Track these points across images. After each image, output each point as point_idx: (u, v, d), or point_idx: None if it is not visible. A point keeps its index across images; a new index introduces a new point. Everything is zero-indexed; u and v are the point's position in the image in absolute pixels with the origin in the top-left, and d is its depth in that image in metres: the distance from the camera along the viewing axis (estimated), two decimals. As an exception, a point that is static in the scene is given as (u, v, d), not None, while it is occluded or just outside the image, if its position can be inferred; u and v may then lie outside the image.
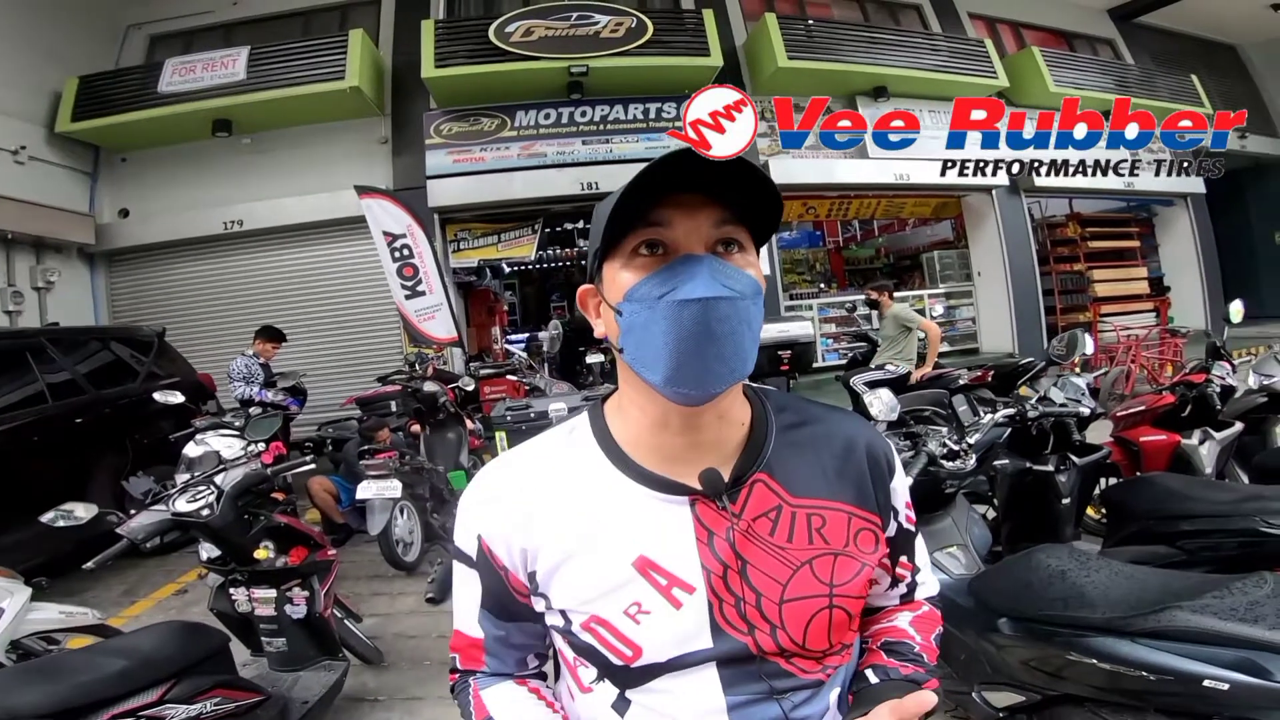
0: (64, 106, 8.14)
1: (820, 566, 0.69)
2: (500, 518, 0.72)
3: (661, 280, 0.63)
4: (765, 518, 0.70)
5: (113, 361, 5.27)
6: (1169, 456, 3.27)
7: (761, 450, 0.72)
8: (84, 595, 3.96)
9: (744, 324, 0.63)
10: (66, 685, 1.62)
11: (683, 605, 0.67)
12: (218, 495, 2.31)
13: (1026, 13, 11.60)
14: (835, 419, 0.79)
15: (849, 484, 0.74)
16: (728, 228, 0.66)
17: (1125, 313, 10.66)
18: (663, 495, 0.69)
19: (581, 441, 0.74)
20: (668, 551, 0.68)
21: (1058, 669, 1.49)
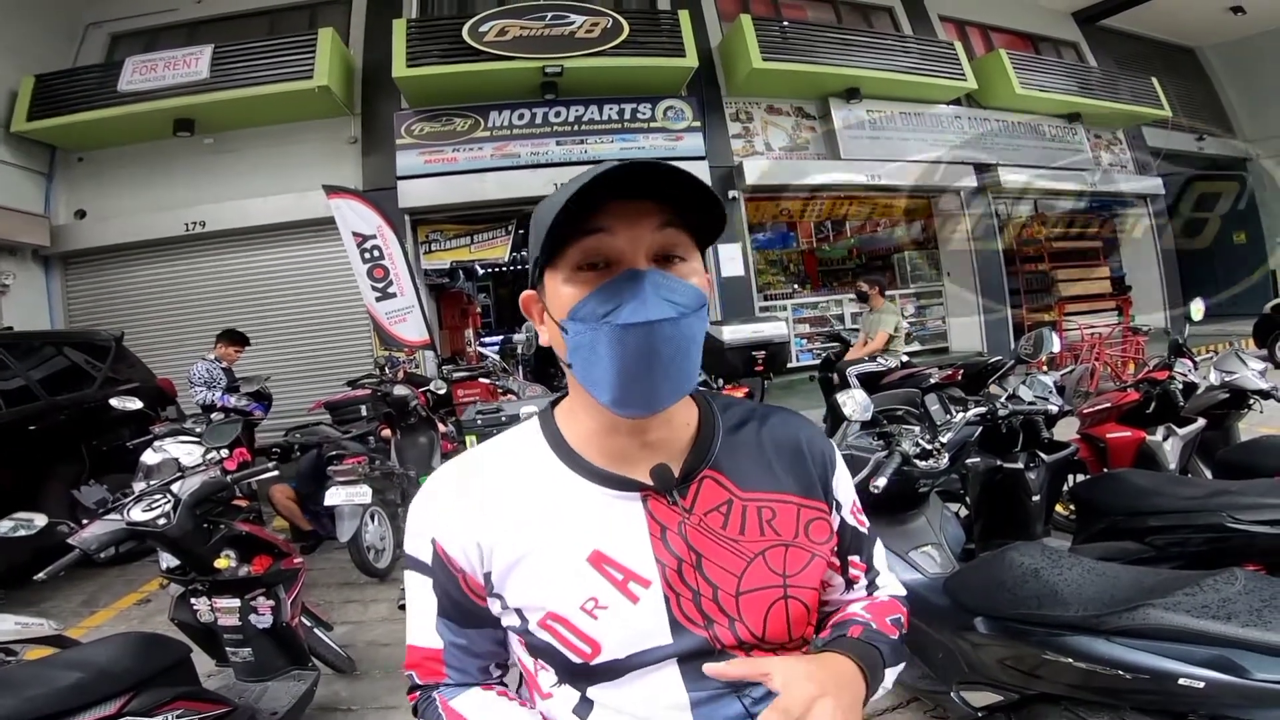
0: (19, 105, 7.93)
1: (773, 557, 0.70)
2: (453, 519, 0.71)
3: (604, 298, 0.62)
4: (716, 512, 0.70)
5: (68, 367, 5.10)
6: (1134, 452, 3.33)
7: (709, 448, 0.73)
8: (42, 605, 3.83)
9: (689, 341, 0.63)
10: (17, 699, 1.56)
11: (639, 599, 0.67)
12: (174, 504, 2.22)
13: (994, 15, 11.85)
14: (778, 417, 0.81)
15: (795, 476, 0.75)
16: (670, 231, 0.65)
17: (1089, 311, 10.91)
18: (615, 492, 0.70)
19: (533, 443, 0.74)
20: (622, 546, 0.68)
21: (1033, 668, 1.49)
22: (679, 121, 8.97)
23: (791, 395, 8.21)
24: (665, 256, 0.65)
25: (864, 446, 2.34)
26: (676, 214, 0.65)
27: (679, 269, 0.65)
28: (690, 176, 0.61)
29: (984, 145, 10.51)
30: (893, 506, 2.25)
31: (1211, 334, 10.10)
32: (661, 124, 8.92)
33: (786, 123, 9.73)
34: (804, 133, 9.78)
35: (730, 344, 4.49)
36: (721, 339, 4.51)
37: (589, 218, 0.62)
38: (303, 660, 2.50)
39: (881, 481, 1.97)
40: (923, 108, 10.19)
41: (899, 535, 2.25)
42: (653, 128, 8.89)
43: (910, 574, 2.10)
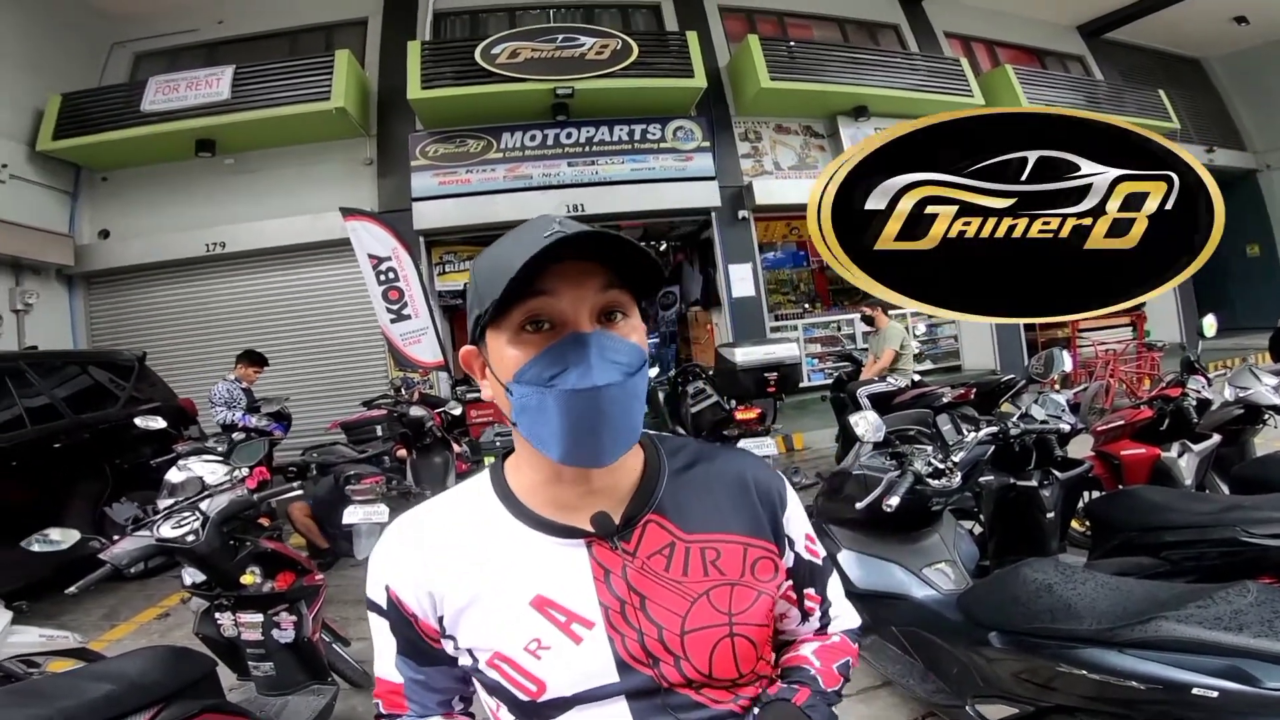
0: (46, 124, 8.06)
1: (717, 597, 0.72)
2: (405, 568, 0.74)
3: (550, 362, 0.64)
4: (659, 554, 0.73)
5: (92, 386, 5.20)
6: (1149, 469, 3.33)
7: (653, 493, 0.75)
8: (63, 619, 3.87)
9: (634, 399, 0.66)
10: (51, 709, 1.57)
11: (583, 640, 0.69)
12: (203, 521, 2.27)
13: (1000, 31, 11.93)
14: (726, 457, 0.83)
15: (742, 516, 0.77)
16: (612, 292, 0.66)
17: (1102, 328, 10.83)
18: (558, 539, 0.72)
19: (483, 495, 0.77)
20: (565, 590, 0.71)
21: (1048, 680, 1.51)
22: (689, 142, 9.07)
23: (804, 415, 8.21)
24: (608, 314, 0.67)
25: (877, 466, 2.36)
26: (617, 274, 0.66)
27: (621, 327, 0.67)
28: (632, 246, 0.64)
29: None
30: (906, 524, 2.28)
31: (1227, 349, 10.02)
32: (671, 144, 9.02)
33: (795, 141, 9.82)
34: (813, 151, 9.86)
35: (743, 366, 4.51)
36: (734, 361, 4.53)
37: (533, 279, 0.63)
38: (322, 675, 2.52)
39: (894, 501, 2.00)
40: (930, 125, 10.25)
41: (913, 552, 2.27)
42: (662, 148, 8.99)
43: (924, 590, 2.12)
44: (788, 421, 7.76)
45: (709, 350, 8.51)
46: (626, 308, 0.68)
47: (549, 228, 0.62)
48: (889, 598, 2.18)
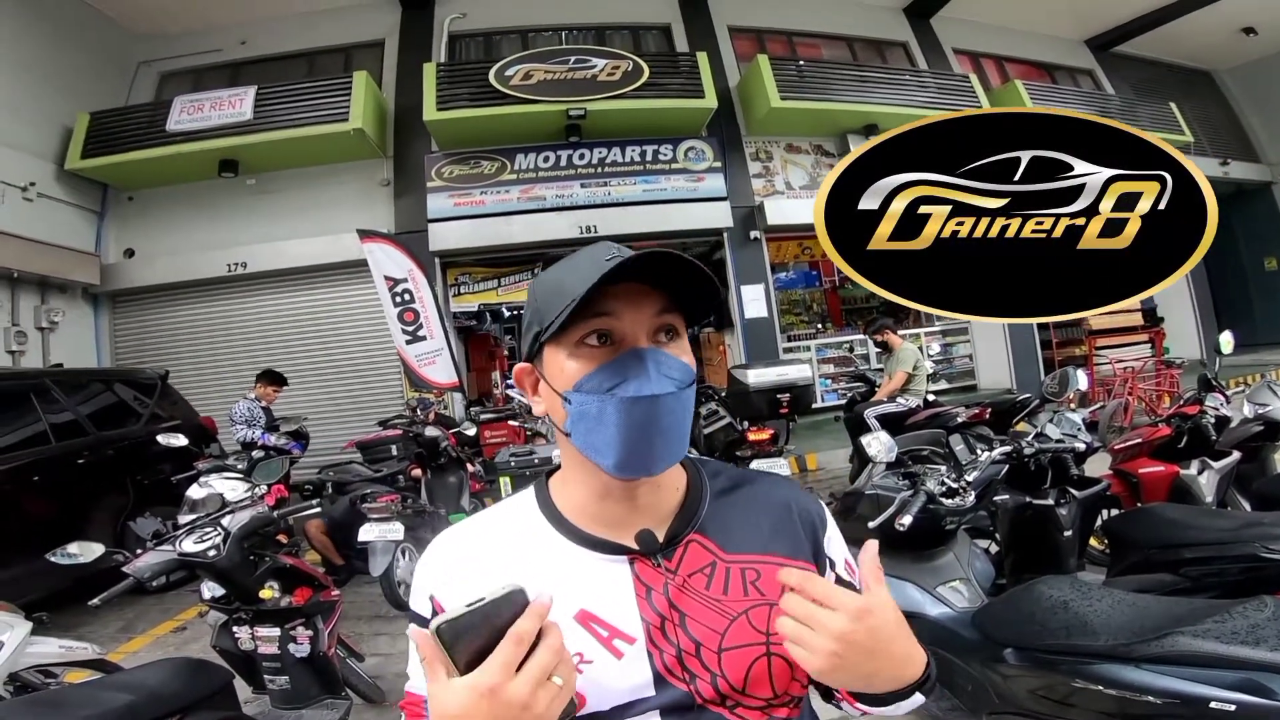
0: (74, 143, 8.19)
1: (756, 616, 0.73)
2: (451, 579, 0.76)
3: (610, 374, 0.68)
4: (700, 573, 0.74)
5: (115, 403, 5.31)
6: (1168, 487, 3.30)
7: (696, 513, 0.78)
8: (82, 630, 3.95)
9: (684, 412, 0.70)
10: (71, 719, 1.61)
11: (624, 655, 0.71)
12: (224, 537, 2.32)
13: (1008, 47, 11.98)
14: (767, 482, 0.85)
15: (782, 538, 0.78)
16: (667, 316, 0.71)
17: (1120, 345, 10.73)
18: (602, 555, 0.74)
19: (528, 511, 0.79)
20: (608, 606, 0.72)
21: (1064, 697, 1.50)
22: (700, 162, 9.16)
23: (818, 435, 8.17)
24: (663, 332, 0.71)
25: (890, 486, 2.37)
26: (672, 298, 0.71)
27: (673, 347, 0.71)
28: (698, 269, 0.68)
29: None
30: (920, 543, 2.27)
31: (1246, 365, 9.89)
32: (683, 165, 9.11)
33: (806, 160, 9.88)
34: (824, 170, 9.90)
35: (755, 387, 4.53)
36: (747, 382, 4.55)
37: (594, 300, 0.66)
38: (336, 689, 2.55)
39: (907, 520, 2.00)
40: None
41: (927, 571, 2.26)
42: (674, 169, 9.07)
43: (939, 608, 2.11)
44: (801, 442, 7.73)
45: (722, 371, 8.51)
46: (679, 328, 0.73)
47: (610, 252, 0.68)
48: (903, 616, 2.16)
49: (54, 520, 4.30)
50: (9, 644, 2.33)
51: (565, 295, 0.66)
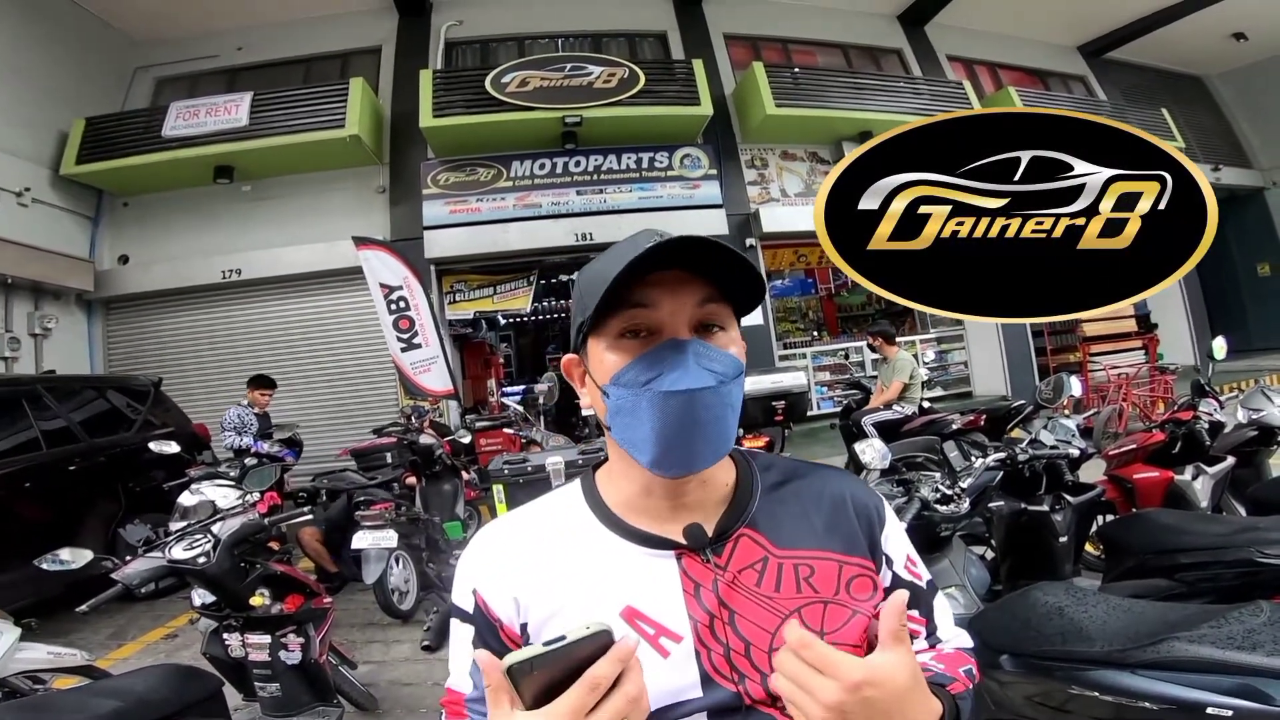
0: (70, 148, 8.14)
1: (810, 615, 0.70)
2: (495, 573, 0.74)
3: (647, 366, 0.66)
4: (751, 569, 0.72)
5: (108, 410, 5.29)
6: (1163, 492, 3.31)
7: (746, 507, 0.75)
8: (71, 637, 3.89)
9: (727, 408, 0.67)
10: None
11: (670, 654, 0.68)
12: (214, 544, 2.31)
13: (1001, 53, 12.03)
14: (821, 475, 0.82)
15: (837, 534, 0.76)
16: (710, 306, 0.69)
17: (1114, 351, 10.77)
18: (649, 550, 0.72)
19: (574, 504, 0.78)
20: (654, 602, 0.70)
21: (1061, 703, 1.50)
22: (695, 169, 9.18)
23: (814, 443, 8.16)
24: (705, 325, 0.69)
25: (884, 493, 2.36)
26: (716, 287, 0.68)
27: (718, 338, 0.69)
28: (735, 255, 0.66)
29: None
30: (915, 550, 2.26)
31: (1239, 370, 9.92)
32: (679, 172, 9.12)
33: (801, 168, 9.91)
34: (819, 178, 9.94)
35: (750, 394, 4.52)
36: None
37: (633, 289, 0.65)
38: (328, 697, 2.53)
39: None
40: (936, 150, 10.32)
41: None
42: (670, 176, 9.09)
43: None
44: (797, 449, 7.71)
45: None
46: (724, 320, 0.70)
47: (650, 239, 0.65)
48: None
49: (45, 526, 4.28)
50: None
51: (604, 283, 0.64)
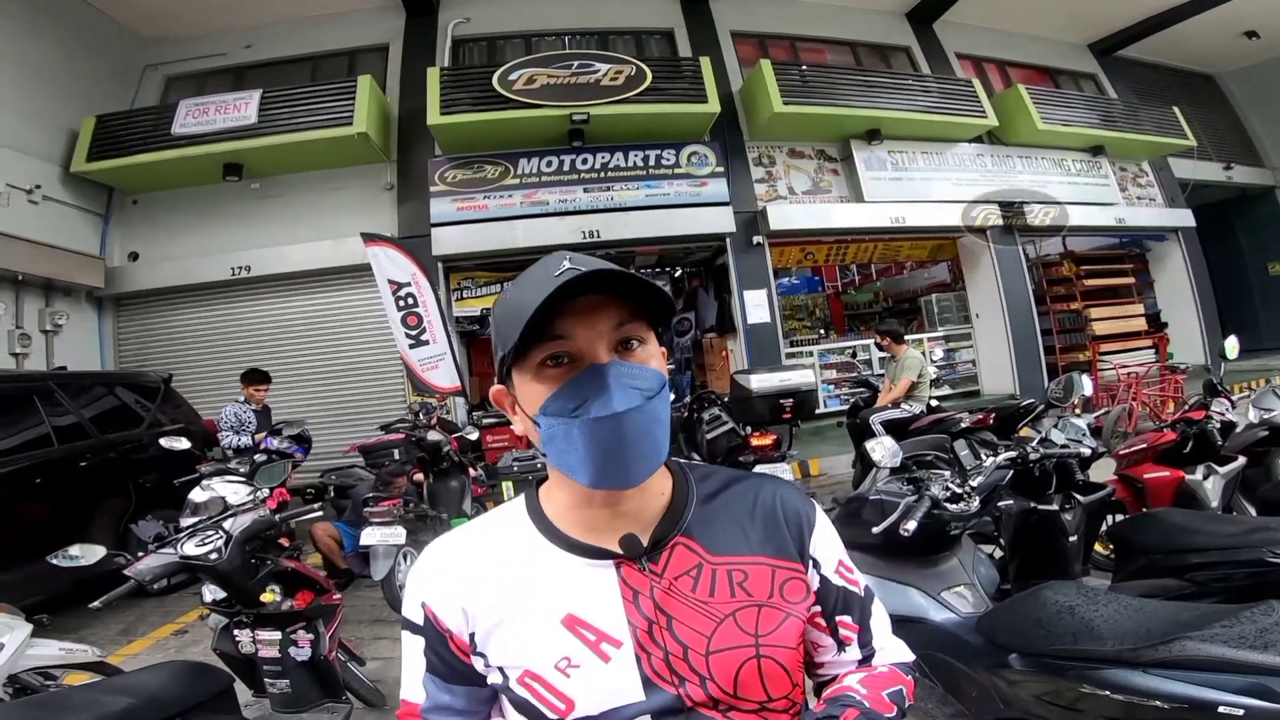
0: (80, 146, 8.19)
1: (744, 618, 0.73)
2: (443, 586, 0.77)
3: (572, 394, 0.67)
4: (687, 576, 0.74)
5: (118, 406, 5.31)
6: (1173, 492, 3.29)
7: (681, 516, 0.78)
8: (82, 633, 3.93)
9: (656, 422, 0.68)
10: None
11: (611, 659, 0.71)
12: (226, 540, 2.32)
13: (1011, 51, 11.98)
14: (754, 484, 0.84)
15: (769, 540, 0.78)
16: (626, 327, 0.70)
17: (1124, 350, 10.71)
18: (589, 560, 0.75)
19: (518, 519, 0.80)
20: (594, 610, 0.73)
21: (1071, 702, 1.49)
22: (703, 167, 9.15)
23: (822, 441, 8.15)
24: (624, 343, 0.70)
25: (894, 492, 2.36)
26: (632, 305, 0.70)
27: (638, 354, 0.70)
28: (643, 282, 0.67)
29: (1008, 182, 10.55)
30: (925, 549, 2.27)
31: (1250, 370, 9.85)
32: (686, 170, 9.10)
33: (809, 165, 9.88)
34: (826, 175, 9.91)
35: (758, 392, 4.51)
36: (749, 387, 4.53)
37: (551, 321, 0.66)
38: (337, 693, 2.54)
39: (911, 525, 2.00)
40: (944, 147, 10.29)
41: (932, 577, 2.25)
42: (677, 174, 9.06)
43: (943, 614, 2.10)
44: (804, 447, 7.71)
45: (724, 377, 8.49)
46: (642, 334, 0.72)
47: (559, 267, 0.66)
48: (907, 621, 2.15)
49: (56, 523, 4.30)
50: (9, 646, 2.32)
51: (519, 316, 0.65)
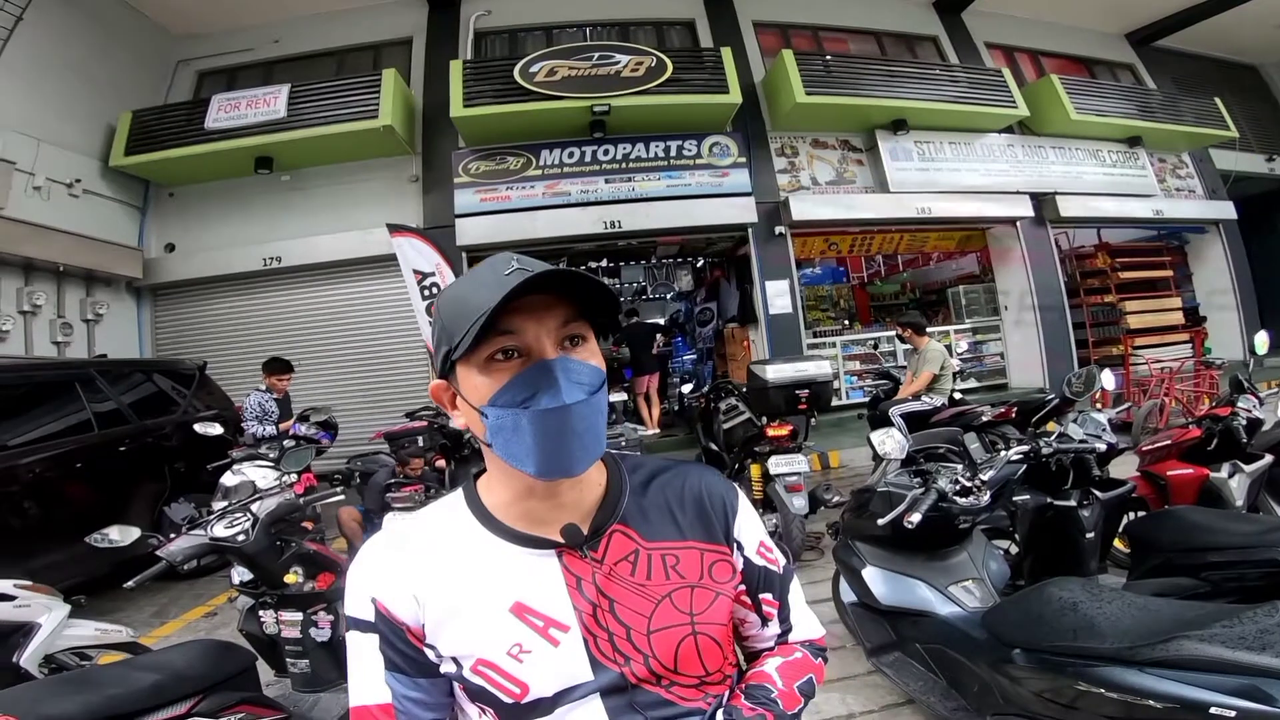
0: (117, 140, 8.42)
1: (679, 598, 0.78)
2: (390, 577, 0.77)
3: (522, 388, 0.70)
4: (625, 561, 0.79)
5: (155, 393, 5.48)
6: (1197, 490, 3.22)
7: (617, 505, 0.82)
8: (117, 614, 4.08)
9: (597, 414, 0.72)
10: (100, 697, 1.67)
11: (560, 643, 0.75)
12: (253, 522, 2.40)
13: (1043, 41, 11.65)
14: (682, 472, 0.89)
15: (697, 524, 0.84)
16: (572, 325, 0.73)
17: (1160, 344, 10.42)
18: (531, 550, 0.78)
19: (458, 512, 0.82)
20: (541, 597, 0.76)
21: (1070, 700, 1.50)
22: (724, 158, 9.11)
23: (841, 433, 8.10)
24: (570, 339, 0.73)
25: (902, 484, 2.36)
26: (575, 307, 0.73)
27: (581, 352, 0.74)
28: (589, 281, 0.71)
29: (1040, 173, 10.30)
30: (934, 542, 2.27)
31: (1285, 367, 9.52)
32: (707, 160, 9.06)
33: (832, 156, 9.76)
34: (850, 166, 9.78)
35: (774, 383, 4.49)
36: (765, 378, 4.52)
37: (500, 317, 0.68)
38: (353, 674, 2.62)
39: (915, 517, 2.00)
40: (973, 137, 10.07)
41: (939, 570, 2.26)
42: (698, 164, 9.02)
43: (949, 607, 2.11)
44: (824, 439, 7.68)
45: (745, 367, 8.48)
46: (585, 333, 0.75)
47: (508, 266, 0.70)
48: (913, 614, 2.16)
49: (96, 506, 4.46)
50: (46, 626, 2.44)
51: (470, 313, 0.68)
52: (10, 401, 4.39)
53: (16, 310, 7.14)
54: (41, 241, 7.21)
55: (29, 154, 7.38)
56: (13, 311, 7.09)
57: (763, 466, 4.29)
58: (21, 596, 2.50)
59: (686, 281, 12.41)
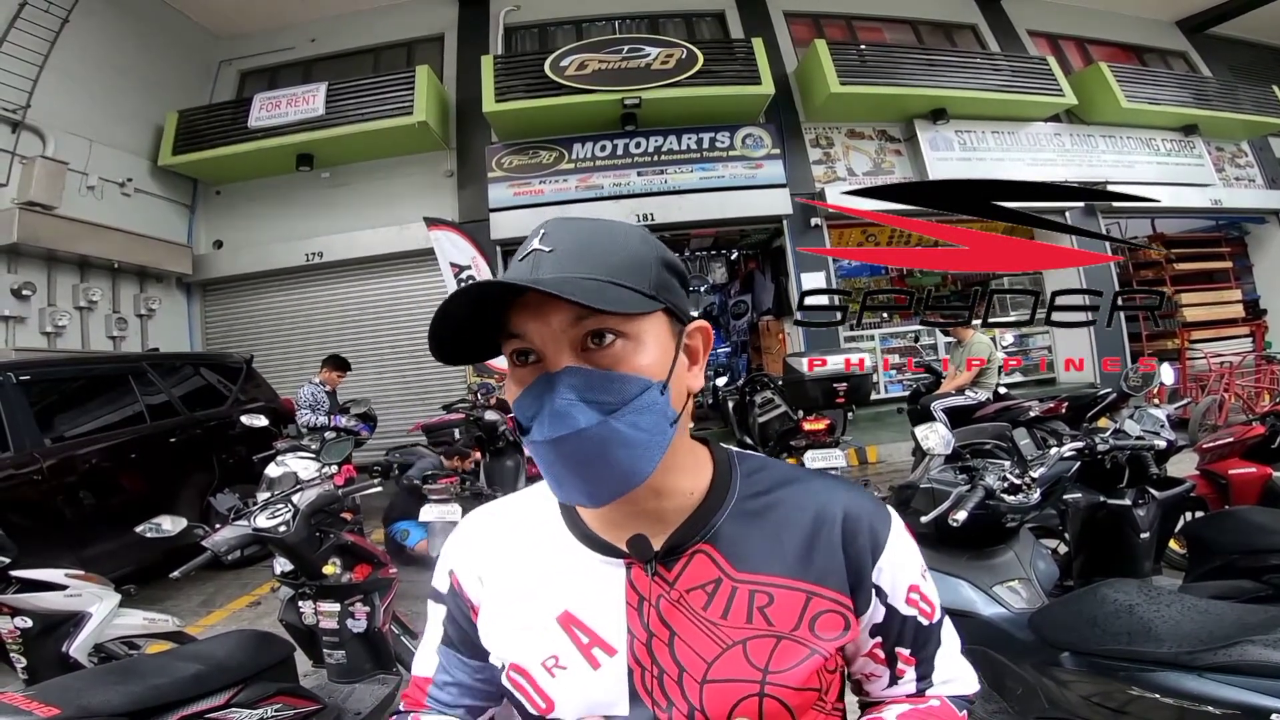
0: (165, 140, 8.75)
1: (755, 649, 0.63)
2: (469, 557, 0.75)
3: (526, 405, 0.60)
4: (701, 590, 0.66)
5: (204, 386, 5.66)
6: (1260, 490, 3.08)
7: (710, 520, 0.68)
8: (165, 604, 4.17)
9: (615, 444, 0.57)
10: (143, 686, 1.71)
11: (601, 666, 0.65)
12: (294, 513, 2.44)
13: (1089, 28, 11.27)
14: (811, 488, 0.71)
15: (813, 561, 0.66)
16: (589, 321, 0.57)
17: (1218, 338, 9.97)
18: (601, 556, 0.68)
19: (548, 500, 0.75)
20: (594, 611, 0.67)
21: (1121, 705, 1.43)
22: (758, 149, 9.00)
23: (880, 427, 7.96)
24: (596, 336, 0.58)
25: (947, 480, 2.29)
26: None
27: (608, 353, 0.58)
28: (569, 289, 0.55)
29: (1090, 161, 9.93)
30: (979, 540, 2.20)
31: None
32: (740, 152, 8.97)
33: (869, 146, 9.56)
34: (888, 156, 9.56)
35: (811, 376, 4.44)
36: (802, 371, 4.47)
37: (509, 314, 0.60)
38: (388, 665, 2.62)
39: (962, 515, 1.94)
40: (1017, 126, 9.75)
41: (984, 569, 2.18)
42: (731, 156, 8.95)
43: (994, 608, 2.04)
44: (862, 434, 7.55)
45: (780, 360, 8.39)
46: (619, 324, 0.58)
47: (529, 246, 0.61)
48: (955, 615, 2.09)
49: (146, 496, 4.61)
50: (96, 616, 2.52)
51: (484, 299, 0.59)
52: (67, 395, 4.57)
53: (73, 306, 7.45)
54: (96, 239, 7.50)
55: (81, 154, 7.67)
56: (69, 307, 7.39)
57: (799, 461, 4.23)
58: (73, 586, 2.56)
59: (720, 274, 12.33)
